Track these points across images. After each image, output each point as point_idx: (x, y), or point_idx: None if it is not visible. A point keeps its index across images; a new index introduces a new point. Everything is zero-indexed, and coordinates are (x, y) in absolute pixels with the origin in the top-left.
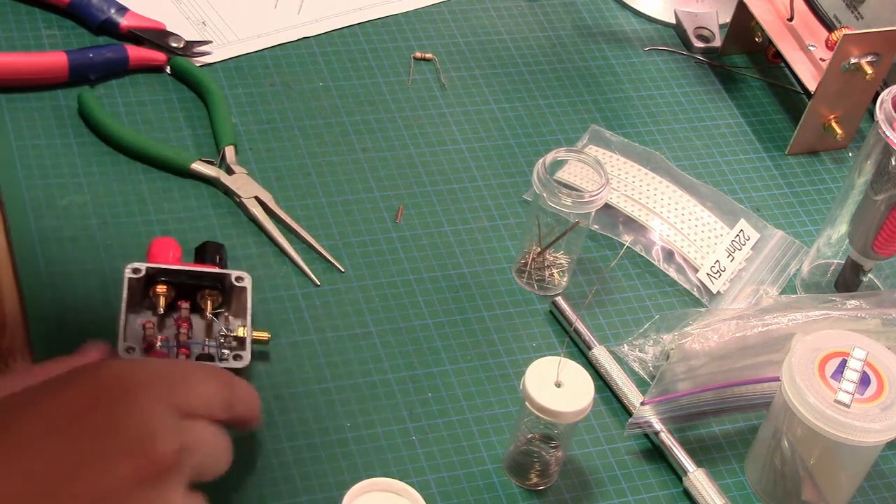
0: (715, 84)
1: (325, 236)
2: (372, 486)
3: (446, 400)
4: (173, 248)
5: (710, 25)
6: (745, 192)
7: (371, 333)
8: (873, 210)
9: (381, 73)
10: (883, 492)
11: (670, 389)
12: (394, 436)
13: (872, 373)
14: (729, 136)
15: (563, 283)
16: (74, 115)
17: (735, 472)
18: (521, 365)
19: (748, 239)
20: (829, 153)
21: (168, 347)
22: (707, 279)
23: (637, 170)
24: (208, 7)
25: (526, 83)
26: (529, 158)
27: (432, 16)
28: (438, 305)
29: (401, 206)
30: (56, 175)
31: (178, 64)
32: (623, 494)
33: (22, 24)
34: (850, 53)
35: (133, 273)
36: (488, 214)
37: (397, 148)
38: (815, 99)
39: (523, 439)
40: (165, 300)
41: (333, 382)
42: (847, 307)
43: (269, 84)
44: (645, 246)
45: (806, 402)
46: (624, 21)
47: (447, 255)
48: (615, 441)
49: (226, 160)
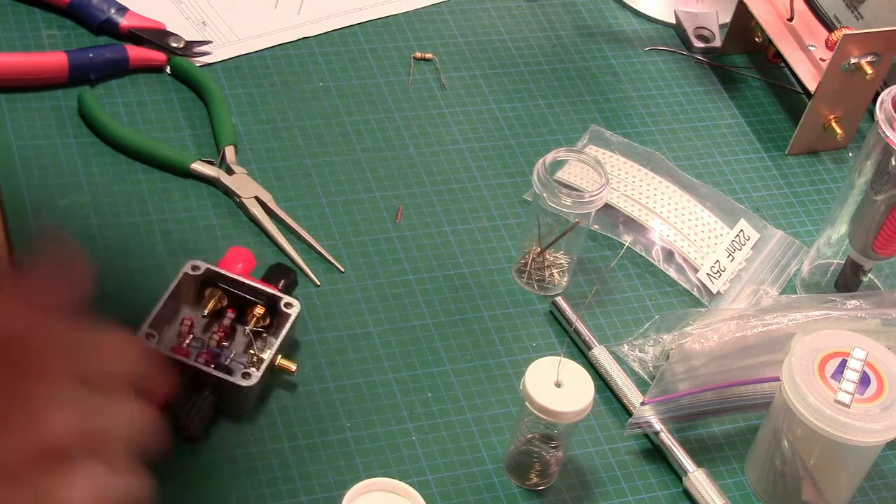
0: (715, 84)
1: (325, 236)
2: (372, 486)
3: (446, 400)
4: (245, 259)
5: (710, 25)
6: (745, 192)
7: (371, 333)
8: (873, 210)
9: (381, 73)
10: (883, 492)
11: (670, 389)
12: (394, 436)
13: (872, 373)
14: (729, 136)
15: (563, 283)
16: (74, 115)
17: (735, 472)
18: (521, 365)
19: (748, 239)
20: (829, 153)
21: (192, 348)
22: (707, 279)
23: (637, 170)
24: (208, 7)
25: (526, 83)
26: (529, 158)
27: (432, 16)
28: (438, 305)
29: (401, 206)
30: (56, 175)
31: (178, 64)
32: (623, 494)
33: (22, 24)
34: (850, 53)
35: (191, 270)
36: (488, 214)
37: (397, 148)
38: (815, 99)
39: (523, 439)
40: (213, 304)
41: (333, 382)
42: (847, 307)
43: (269, 84)
44: (645, 246)
45: (806, 402)
46: (624, 21)
47: (447, 255)
48: (615, 441)
49: (226, 160)
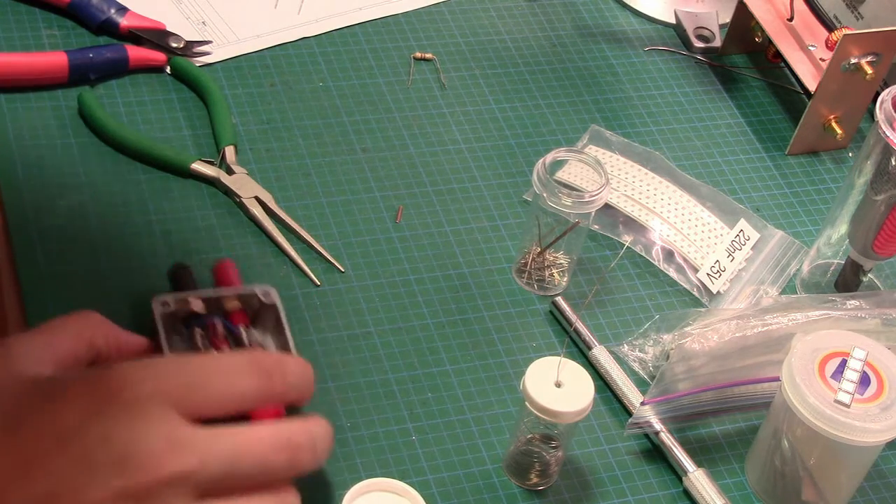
0: (715, 84)
1: (325, 236)
2: (372, 486)
3: (446, 400)
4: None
5: (710, 25)
6: (745, 192)
7: (371, 333)
8: (873, 210)
9: (381, 73)
10: (883, 492)
11: (670, 389)
12: (394, 436)
13: (872, 373)
14: (729, 136)
15: (563, 283)
16: (74, 115)
17: (735, 472)
18: (521, 365)
19: (748, 239)
20: (829, 153)
21: None
22: (707, 279)
23: (637, 170)
24: (208, 7)
25: (526, 83)
26: (529, 158)
27: (432, 16)
28: (438, 305)
29: (401, 206)
30: (56, 175)
31: (178, 64)
32: (623, 494)
33: (22, 24)
34: (850, 53)
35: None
36: (488, 214)
37: (397, 148)
38: (815, 99)
39: (523, 439)
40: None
41: (333, 382)
42: (847, 307)
43: (269, 84)
44: (645, 246)
45: (806, 402)
46: (624, 21)
47: (447, 255)
48: (615, 441)
49: (226, 160)
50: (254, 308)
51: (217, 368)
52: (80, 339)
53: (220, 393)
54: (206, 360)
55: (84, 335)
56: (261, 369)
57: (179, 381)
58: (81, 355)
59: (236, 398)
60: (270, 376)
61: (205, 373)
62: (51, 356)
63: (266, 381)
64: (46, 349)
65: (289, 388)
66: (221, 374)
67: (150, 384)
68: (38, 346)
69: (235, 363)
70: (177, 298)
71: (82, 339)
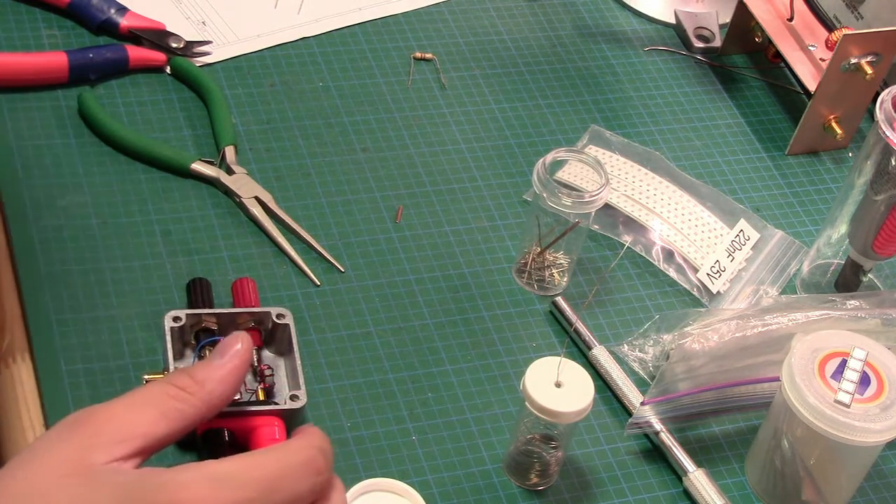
0: (715, 84)
1: (325, 236)
2: (372, 486)
3: (446, 400)
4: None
5: (710, 25)
6: (745, 192)
7: (371, 333)
8: (873, 210)
9: (381, 73)
10: (883, 492)
11: (670, 389)
12: (394, 436)
13: (872, 373)
14: (729, 136)
15: (563, 283)
16: (74, 115)
17: (735, 472)
18: (521, 365)
19: (748, 239)
20: (829, 153)
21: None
22: (707, 279)
23: (637, 170)
24: (208, 7)
25: (526, 83)
26: (529, 158)
27: (432, 16)
28: (438, 305)
29: (401, 206)
30: (56, 175)
31: (178, 64)
32: (623, 494)
33: (22, 24)
34: (850, 53)
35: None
36: (488, 214)
37: (397, 148)
38: (815, 99)
39: (523, 439)
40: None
41: (333, 382)
42: (847, 307)
43: (269, 84)
44: (645, 246)
45: (806, 402)
46: (624, 21)
47: (447, 255)
48: (615, 441)
49: (226, 160)
50: (267, 328)
51: (283, 477)
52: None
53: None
54: (273, 464)
55: None
56: (318, 479)
57: (250, 496)
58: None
59: None
60: (321, 473)
61: (271, 488)
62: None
63: (319, 478)
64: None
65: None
66: (288, 483)
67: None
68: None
69: (297, 469)
70: (189, 314)
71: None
